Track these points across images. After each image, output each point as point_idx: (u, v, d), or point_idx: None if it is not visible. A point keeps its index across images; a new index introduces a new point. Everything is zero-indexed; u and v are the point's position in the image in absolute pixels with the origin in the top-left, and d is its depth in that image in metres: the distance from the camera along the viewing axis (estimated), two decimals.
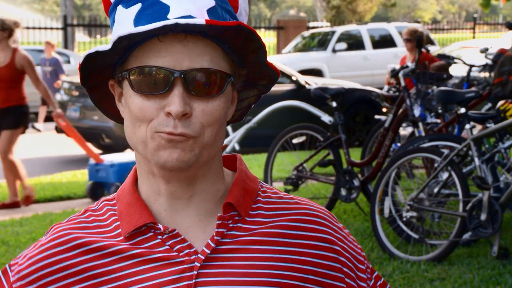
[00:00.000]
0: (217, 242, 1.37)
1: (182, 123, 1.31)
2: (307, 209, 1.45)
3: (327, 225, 1.44)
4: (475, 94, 6.53)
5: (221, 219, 1.38)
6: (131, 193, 1.42)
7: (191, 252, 1.36)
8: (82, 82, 1.41)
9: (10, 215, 8.09)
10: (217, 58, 1.34)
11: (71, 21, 24.85)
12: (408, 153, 6.26)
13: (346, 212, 7.63)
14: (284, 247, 1.39)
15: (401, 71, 7.41)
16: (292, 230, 1.41)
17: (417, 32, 9.80)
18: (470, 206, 5.83)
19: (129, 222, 1.39)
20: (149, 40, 1.33)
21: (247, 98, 1.49)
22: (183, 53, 1.32)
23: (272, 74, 1.42)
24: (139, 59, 1.34)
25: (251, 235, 1.39)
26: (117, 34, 1.30)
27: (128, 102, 1.36)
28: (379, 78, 20.30)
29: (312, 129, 7.60)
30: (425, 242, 6.08)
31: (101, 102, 1.47)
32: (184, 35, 1.31)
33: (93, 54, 1.34)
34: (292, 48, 22.52)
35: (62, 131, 12.95)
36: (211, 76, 1.33)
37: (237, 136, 8.16)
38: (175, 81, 1.31)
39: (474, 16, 34.08)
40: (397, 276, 5.62)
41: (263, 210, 1.42)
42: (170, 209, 1.40)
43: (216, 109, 1.34)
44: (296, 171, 7.50)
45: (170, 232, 1.37)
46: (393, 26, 22.70)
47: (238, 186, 1.42)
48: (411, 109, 7.13)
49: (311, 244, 1.41)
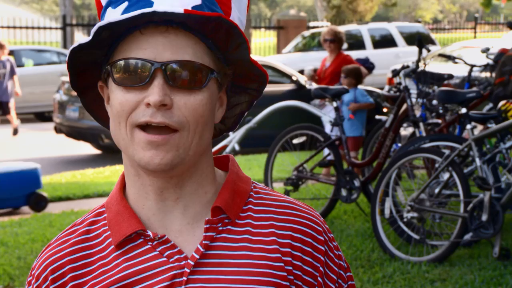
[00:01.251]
0: (206, 246, 1.36)
1: (162, 113, 1.30)
2: (299, 211, 1.43)
3: (318, 230, 1.42)
4: (476, 94, 6.53)
5: (209, 222, 1.37)
6: (119, 200, 1.42)
7: (181, 257, 1.36)
8: (72, 85, 1.41)
9: (9, 216, 8.09)
10: (200, 53, 1.33)
11: (70, 20, 24.83)
12: (409, 154, 6.26)
13: (347, 212, 7.63)
14: (272, 254, 1.37)
15: (402, 71, 7.41)
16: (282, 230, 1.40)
17: (340, 33, 9.77)
18: (471, 207, 5.83)
19: (119, 231, 1.39)
20: (131, 34, 1.32)
21: (239, 105, 1.48)
22: (164, 45, 1.31)
23: (260, 75, 1.41)
24: (122, 53, 1.33)
25: (241, 240, 1.38)
26: (97, 24, 1.30)
27: (111, 99, 1.36)
28: (380, 78, 20.29)
29: (312, 129, 7.60)
30: (426, 243, 6.08)
31: (92, 106, 1.46)
32: (165, 27, 1.31)
33: (76, 48, 1.33)
34: (292, 48, 22.51)
35: (61, 132, 12.97)
36: (192, 68, 1.32)
37: (237, 136, 8.16)
38: (155, 72, 1.30)
39: (475, 16, 34.08)
40: (398, 277, 5.62)
41: (253, 212, 1.41)
42: (159, 213, 1.39)
43: (199, 104, 1.32)
44: (297, 171, 7.50)
45: (160, 238, 1.37)
46: (394, 26, 22.68)
47: (228, 188, 1.41)
48: (412, 109, 7.13)
49: (300, 246, 1.40)
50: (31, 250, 6.54)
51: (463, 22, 37.83)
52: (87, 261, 1.40)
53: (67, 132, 12.81)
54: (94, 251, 1.41)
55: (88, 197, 9.12)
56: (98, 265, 1.40)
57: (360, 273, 5.70)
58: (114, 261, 1.38)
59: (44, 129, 16.39)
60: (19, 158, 12.58)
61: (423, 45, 7.58)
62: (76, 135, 12.68)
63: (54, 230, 7.20)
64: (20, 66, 18.45)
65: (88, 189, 9.36)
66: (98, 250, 1.41)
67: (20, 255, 6.39)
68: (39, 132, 16.27)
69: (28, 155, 12.56)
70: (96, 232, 1.43)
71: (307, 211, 1.44)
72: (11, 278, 5.84)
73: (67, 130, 12.76)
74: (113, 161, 11.95)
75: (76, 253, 1.41)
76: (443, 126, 7.32)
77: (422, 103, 7.39)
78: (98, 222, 1.44)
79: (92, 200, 8.97)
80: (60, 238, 1.44)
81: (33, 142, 14.50)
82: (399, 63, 17.78)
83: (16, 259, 6.29)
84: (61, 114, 12.89)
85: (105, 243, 1.41)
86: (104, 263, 1.39)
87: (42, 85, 18.26)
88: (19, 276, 5.86)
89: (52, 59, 19.25)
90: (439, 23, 43.06)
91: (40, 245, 6.70)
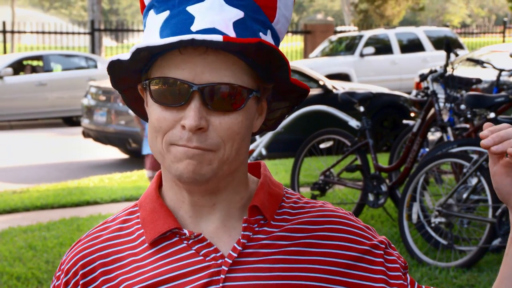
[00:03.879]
0: (243, 245, 1.37)
1: (197, 137, 1.30)
2: (332, 211, 1.45)
3: (353, 224, 1.45)
4: (505, 99, 6.49)
5: (247, 222, 1.38)
6: (155, 199, 1.43)
7: (217, 256, 1.36)
8: (113, 85, 1.43)
9: (38, 220, 8.15)
10: (240, 73, 1.32)
11: (98, 26, 25.00)
12: (436, 158, 6.23)
13: (374, 217, 7.60)
14: (309, 248, 1.39)
15: (430, 75, 7.37)
16: (318, 231, 1.41)
17: None
18: (500, 212, 5.79)
19: (154, 229, 1.39)
20: (170, 52, 1.32)
21: (279, 109, 1.48)
22: (203, 67, 1.31)
23: (300, 90, 1.41)
24: (160, 69, 1.33)
25: (277, 238, 1.39)
26: (136, 45, 1.30)
27: (149, 111, 1.37)
28: (407, 83, 20.22)
29: (339, 133, 7.58)
30: (454, 248, 6.05)
31: (132, 103, 1.47)
32: (204, 49, 1.30)
33: (115, 61, 1.34)
34: (319, 53, 22.49)
35: (89, 136, 13.04)
36: (230, 90, 1.31)
37: (264, 141, 8.16)
38: (192, 94, 1.30)
39: (504, 20, 33.85)
40: (425, 282, 5.59)
41: (288, 215, 1.42)
42: (195, 216, 1.40)
43: (235, 123, 1.32)
44: (323, 176, 7.48)
45: (196, 236, 1.37)
46: (422, 30, 22.59)
47: (263, 190, 1.42)
48: (440, 114, 7.10)
49: (337, 244, 1.41)
50: (59, 254, 6.58)
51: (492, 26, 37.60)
52: (117, 256, 1.41)
53: (94, 136, 12.89)
54: (125, 247, 1.42)
55: (116, 201, 9.16)
56: (129, 261, 1.40)
57: None
58: (148, 259, 1.39)
59: (72, 133, 16.49)
60: (47, 162, 12.68)
61: (451, 50, 7.53)
62: (103, 139, 12.75)
63: (81, 234, 7.24)
64: (48, 71, 18.62)
65: (115, 194, 9.40)
66: (130, 247, 1.41)
67: (49, 259, 6.44)
68: (67, 136, 16.38)
69: (56, 159, 12.65)
70: (128, 230, 1.44)
71: (341, 211, 1.47)
72: (39, 282, 5.88)
73: (95, 135, 12.84)
74: (140, 165, 11.98)
75: (107, 249, 1.42)
76: (471, 131, 7.27)
77: (450, 108, 7.35)
78: (131, 220, 1.45)
79: (119, 204, 9.00)
80: (91, 234, 1.46)
81: (61, 147, 14.60)
82: (427, 67, 17.75)
83: (44, 263, 6.33)
84: (89, 118, 12.96)
85: (138, 241, 1.41)
86: (137, 259, 1.40)
87: (70, 90, 18.39)
88: (47, 280, 5.90)
89: (80, 64, 19.37)
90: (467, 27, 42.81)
91: (68, 249, 6.73)
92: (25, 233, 7.39)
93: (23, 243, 6.96)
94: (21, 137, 10.64)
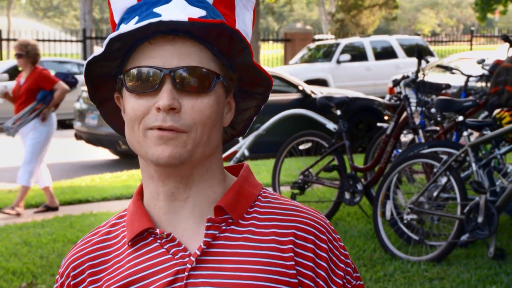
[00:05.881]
0: (208, 244, 1.36)
1: (171, 117, 1.31)
2: (303, 213, 1.41)
3: (321, 230, 1.40)
4: (473, 103, 6.51)
5: (211, 221, 1.37)
6: (135, 201, 1.44)
7: (185, 254, 1.36)
8: (90, 97, 1.43)
9: (32, 217, 8.11)
10: (206, 59, 1.35)
11: (90, 34, 24.91)
12: (408, 159, 6.25)
13: (350, 214, 7.62)
14: (272, 251, 1.36)
15: (402, 81, 7.40)
16: (285, 229, 1.38)
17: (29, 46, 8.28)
18: (468, 209, 5.81)
19: (131, 230, 1.40)
20: (141, 45, 1.34)
21: (248, 110, 1.48)
22: (172, 53, 1.33)
23: (265, 79, 1.41)
24: (134, 62, 1.35)
25: (243, 239, 1.37)
26: (109, 36, 1.32)
27: (125, 107, 1.37)
28: (381, 88, 20.27)
29: (317, 136, 7.59)
30: (425, 243, 6.06)
31: (110, 117, 1.48)
32: (172, 37, 1.33)
33: (91, 60, 1.35)
34: (298, 59, 22.52)
35: (81, 138, 12.99)
36: (198, 73, 1.33)
37: (246, 142, 8.16)
38: (164, 78, 1.32)
39: (472, 29, 34.00)
40: (398, 275, 5.60)
41: (258, 214, 1.40)
42: (169, 212, 1.40)
43: (206, 107, 1.33)
44: (303, 175, 7.49)
45: (167, 236, 1.37)
46: (395, 38, 22.68)
47: (233, 190, 1.41)
48: (412, 117, 7.12)
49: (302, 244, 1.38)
50: (52, 250, 6.55)
51: (460, 35, 37.74)
52: (104, 258, 1.42)
53: (86, 138, 12.84)
54: (112, 249, 1.43)
55: (106, 199, 9.13)
56: (113, 262, 1.41)
57: (362, 272, 5.69)
58: (127, 258, 1.40)
59: (65, 136, 16.42)
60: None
61: (422, 57, 7.57)
62: (95, 141, 12.71)
63: (74, 231, 7.21)
64: None
65: (106, 192, 9.37)
66: (116, 248, 1.43)
67: (43, 254, 6.41)
68: (60, 138, 16.29)
69: (49, 160, 12.58)
70: (115, 233, 1.45)
71: (311, 212, 1.42)
72: (34, 276, 5.85)
73: (87, 137, 12.79)
74: (129, 166, 11.97)
75: (96, 252, 1.43)
76: (441, 133, 7.30)
77: (421, 111, 7.38)
78: (119, 224, 1.46)
79: (110, 202, 8.98)
80: (84, 239, 1.47)
81: (55, 148, 14.53)
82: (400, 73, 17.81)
83: (39, 258, 6.30)
84: (81, 121, 12.92)
85: (122, 242, 1.43)
86: (119, 260, 1.41)
87: None
88: (41, 274, 5.87)
89: (72, 70, 19.27)
90: (437, 36, 42.98)
91: (61, 245, 6.71)
92: (20, 230, 7.36)
93: (19, 239, 6.93)
94: (17, 139, 10.58)
